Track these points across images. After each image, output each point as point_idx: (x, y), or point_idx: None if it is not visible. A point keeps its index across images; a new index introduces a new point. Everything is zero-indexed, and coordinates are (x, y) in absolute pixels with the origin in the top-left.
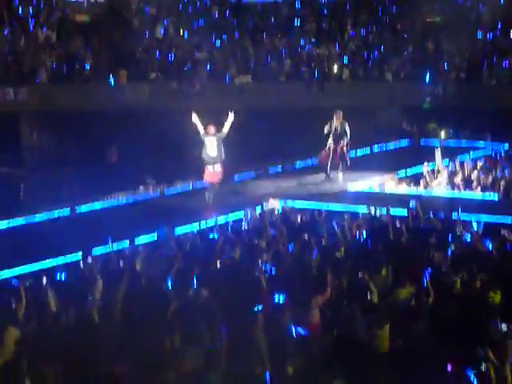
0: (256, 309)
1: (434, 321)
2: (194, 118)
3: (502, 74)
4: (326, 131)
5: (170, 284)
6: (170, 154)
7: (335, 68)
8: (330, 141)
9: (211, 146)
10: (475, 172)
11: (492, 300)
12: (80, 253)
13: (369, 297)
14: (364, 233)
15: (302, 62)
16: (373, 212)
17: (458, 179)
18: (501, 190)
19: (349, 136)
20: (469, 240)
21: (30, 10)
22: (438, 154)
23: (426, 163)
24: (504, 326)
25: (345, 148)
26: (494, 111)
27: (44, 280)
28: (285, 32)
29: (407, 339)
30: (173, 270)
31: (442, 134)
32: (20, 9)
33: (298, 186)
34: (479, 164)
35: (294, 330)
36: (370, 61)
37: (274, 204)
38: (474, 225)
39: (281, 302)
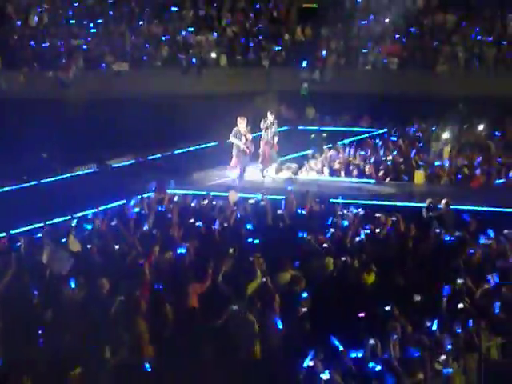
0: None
1: (312, 304)
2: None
3: (377, 59)
4: (261, 126)
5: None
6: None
7: (213, 54)
8: (265, 134)
9: None
10: (354, 157)
11: (365, 281)
12: None
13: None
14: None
15: (179, 48)
16: (252, 198)
17: (337, 165)
18: (378, 174)
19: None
20: (347, 224)
21: None
22: (316, 139)
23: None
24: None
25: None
26: (371, 96)
27: None
28: (162, 18)
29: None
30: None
31: (311, 114)
32: None
33: (182, 174)
34: (358, 149)
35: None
36: (248, 47)
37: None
38: (353, 209)
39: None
